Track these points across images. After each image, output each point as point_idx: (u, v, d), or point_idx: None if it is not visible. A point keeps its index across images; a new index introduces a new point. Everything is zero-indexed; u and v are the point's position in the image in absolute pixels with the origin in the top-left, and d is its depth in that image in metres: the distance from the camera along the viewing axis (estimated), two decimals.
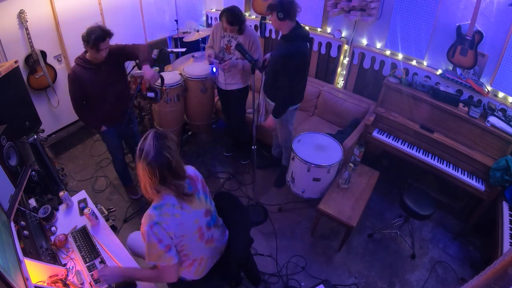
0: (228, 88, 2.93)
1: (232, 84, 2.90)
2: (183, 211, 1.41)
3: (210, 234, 1.59)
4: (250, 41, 2.66)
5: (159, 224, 1.33)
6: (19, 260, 1.37)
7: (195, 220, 1.47)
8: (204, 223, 1.53)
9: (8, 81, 2.26)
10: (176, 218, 1.38)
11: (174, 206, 1.38)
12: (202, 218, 1.51)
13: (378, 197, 3.09)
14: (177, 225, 1.38)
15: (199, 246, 1.53)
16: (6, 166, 1.74)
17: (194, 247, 1.50)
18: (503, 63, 2.46)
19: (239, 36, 2.67)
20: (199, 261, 1.57)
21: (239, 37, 2.68)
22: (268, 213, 2.90)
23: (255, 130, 2.45)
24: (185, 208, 1.42)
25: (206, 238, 1.56)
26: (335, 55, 3.37)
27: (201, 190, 1.53)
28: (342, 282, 2.42)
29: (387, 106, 3.01)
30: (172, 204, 1.38)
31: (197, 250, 1.53)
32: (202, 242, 1.54)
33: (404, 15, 2.81)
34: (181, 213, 1.40)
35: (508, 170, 2.33)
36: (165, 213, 1.35)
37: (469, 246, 2.74)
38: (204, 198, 1.54)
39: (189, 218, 1.44)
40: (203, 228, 1.52)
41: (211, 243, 1.60)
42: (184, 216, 1.41)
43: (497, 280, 1.20)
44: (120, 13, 3.63)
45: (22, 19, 2.78)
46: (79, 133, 3.73)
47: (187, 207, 1.43)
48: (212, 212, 1.61)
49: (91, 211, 1.87)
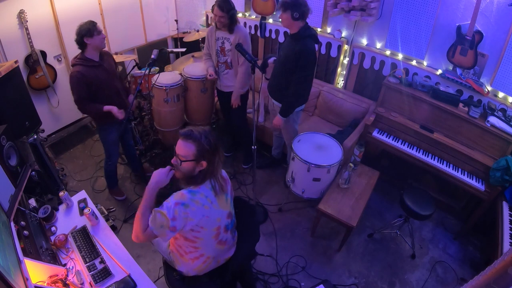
0: (228, 90, 2.93)
1: (231, 87, 2.89)
2: (212, 206, 1.48)
3: (225, 237, 1.63)
4: (240, 40, 2.63)
5: (186, 207, 1.40)
6: (19, 260, 1.37)
7: (218, 218, 1.54)
8: (224, 223, 1.59)
9: (8, 81, 2.26)
10: (204, 210, 1.45)
11: (207, 198, 1.46)
12: (224, 218, 1.58)
13: (378, 197, 3.09)
14: (203, 215, 1.45)
15: (211, 244, 1.57)
16: (6, 166, 1.74)
17: (207, 243, 1.55)
18: (503, 63, 2.46)
19: (230, 36, 2.67)
20: (204, 259, 1.59)
21: (230, 36, 2.67)
22: (268, 213, 2.90)
23: (255, 130, 2.45)
24: (214, 204, 1.49)
25: (220, 239, 1.60)
26: (335, 55, 3.37)
27: (229, 193, 1.62)
28: (342, 282, 2.42)
29: (387, 106, 3.01)
30: (206, 196, 1.46)
31: (208, 247, 1.57)
32: (216, 242, 1.58)
33: (404, 15, 2.80)
34: (210, 207, 1.47)
35: (508, 170, 2.33)
36: (197, 201, 1.43)
37: (469, 246, 2.74)
38: (230, 201, 1.63)
39: (215, 214, 1.51)
40: (221, 228, 1.57)
41: (222, 245, 1.64)
42: (211, 210, 1.48)
43: (497, 280, 1.20)
44: (120, 13, 3.63)
45: (22, 19, 2.78)
46: (79, 133, 3.73)
47: (217, 204, 1.51)
48: (232, 217, 1.67)
49: (91, 211, 1.87)
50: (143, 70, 3.23)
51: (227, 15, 2.55)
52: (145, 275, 1.66)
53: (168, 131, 3.20)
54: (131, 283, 1.60)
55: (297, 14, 2.26)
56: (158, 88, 2.91)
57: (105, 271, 1.64)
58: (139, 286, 1.60)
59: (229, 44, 2.71)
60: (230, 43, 2.70)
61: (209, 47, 2.86)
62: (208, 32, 2.82)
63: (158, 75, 2.91)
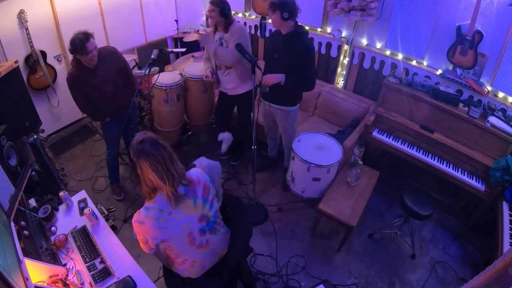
0: (233, 93, 2.89)
1: (235, 88, 2.85)
2: (171, 216, 1.42)
3: (205, 240, 1.56)
4: (236, 34, 2.59)
5: (142, 224, 1.40)
6: (19, 260, 1.37)
7: (184, 225, 1.47)
8: (196, 228, 1.51)
9: (8, 81, 2.26)
10: (159, 223, 1.40)
11: (162, 211, 1.40)
12: (194, 223, 1.50)
13: (378, 197, 3.09)
14: (159, 229, 1.41)
15: (189, 250, 1.53)
16: (6, 166, 1.74)
17: (183, 250, 1.52)
18: (503, 63, 2.46)
19: (225, 34, 2.64)
20: (190, 262, 1.57)
21: (225, 35, 2.64)
22: (268, 213, 2.90)
23: (255, 130, 2.45)
24: (175, 213, 1.43)
25: (198, 243, 1.54)
26: (335, 55, 3.37)
27: (199, 195, 1.50)
28: (342, 282, 2.42)
29: (387, 106, 3.01)
30: (160, 209, 1.40)
31: (187, 252, 1.54)
32: (193, 247, 1.53)
33: (404, 15, 2.80)
34: (167, 218, 1.41)
35: (508, 170, 2.33)
36: (150, 216, 1.39)
37: (469, 246, 2.74)
38: (202, 204, 1.51)
39: (177, 223, 1.45)
40: (194, 233, 1.51)
41: (205, 247, 1.58)
42: (170, 222, 1.42)
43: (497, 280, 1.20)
44: (120, 13, 3.63)
45: (22, 19, 2.78)
46: (79, 133, 3.73)
47: (179, 212, 1.44)
48: (210, 218, 1.57)
49: (91, 211, 1.87)
50: (143, 70, 3.22)
51: (218, 10, 2.51)
52: (145, 275, 1.66)
53: (168, 131, 3.20)
54: (131, 283, 1.60)
55: (286, 14, 2.26)
56: (158, 88, 2.91)
57: (105, 271, 1.64)
58: (139, 286, 1.60)
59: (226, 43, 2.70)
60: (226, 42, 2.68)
61: (208, 50, 2.85)
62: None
63: (158, 75, 2.91)
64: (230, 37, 2.60)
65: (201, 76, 3.00)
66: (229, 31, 2.62)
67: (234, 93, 2.89)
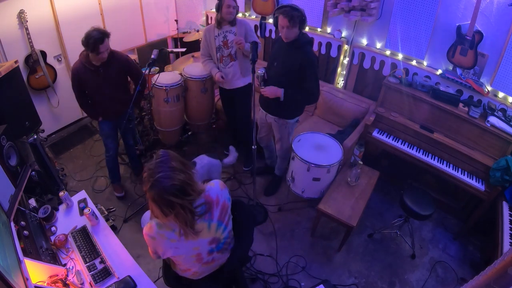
0: (233, 87, 2.92)
1: (236, 81, 2.89)
2: (182, 238, 1.34)
3: (211, 258, 1.51)
4: (247, 29, 2.73)
5: (153, 239, 1.34)
6: (19, 260, 1.37)
7: (194, 247, 1.41)
8: (205, 250, 1.45)
9: (8, 81, 2.26)
10: (171, 243, 1.35)
11: (174, 232, 1.33)
12: (204, 246, 1.44)
13: (378, 197, 3.09)
14: (170, 247, 1.37)
15: (196, 265, 1.50)
16: (6, 166, 1.74)
17: (189, 264, 1.49)
18: (503, 63, 2.46)
19: (232, 28, 2.73)
20: (192, 273, 1.55)
21: (232, 28, 2.73)
22: (268, 213, 2.90)
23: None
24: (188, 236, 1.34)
25: (205, 261, 1.50)
26: (335, 55, 3.37)
27: (215, 218, 1.39)
28: (342, 282, 2.42)
29: (387, 106, 3.01)
30: (173, 229, 1.32)
31: (192, 267, 1.51)
32: (199, 264, 1.50)
33: (404, 15, 2.80)
34: (178, 240, 1.34)
35: (508, 170, 2.33)
36: (162, 235, 1.33)
37: (469, 246, 2.74)
38: (216, 227, 1.41)
39: (187, 245, 1.39)
40: (202, 254, 1.46)
41: (210, 264, 1.54)
42: (181, 243, 1.36)
43: (497, 280, 1.20)
44: (120, 13, 3.63)
45: (22, 19, 2.78)
46: (79, 133, 3.73)
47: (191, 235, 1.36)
48: (221, 240, 1.49)
49: (91, 211, 1.87)
50: (143, 70, 3.22)
51: (237, 8, 2.69)
52: (145, 275, 1.66)
53: (168, 131, 3.20)
54: (131, 283, 1.60)
55: (303, 28, 2.27)
56: (158, 88, 2.91)
57: (105, 271, 1.64)
58: (139, 286, 1.60)
59: (233, 35, 2.74)
60: (234, 34, 2.74)
61: (208, 47, 2.86)
62: (206, 33, 2.82)
63: (158, 75, 2.91)
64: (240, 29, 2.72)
65: (201, 76, 3.00)
66: (237, 24, 2.73)
67: (234, 86, 2.91)
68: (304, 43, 2.32)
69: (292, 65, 2.32)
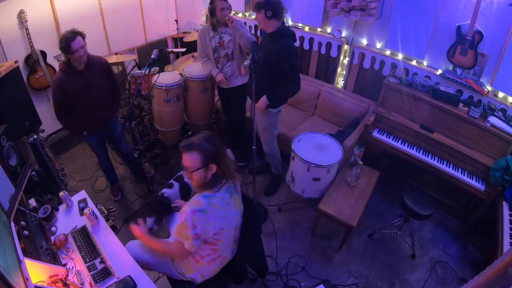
0: (230, 86, 2.92)
1: (234, 80, 2.89)
2: (229, 207, 1.52)
3: (237, 235, 1.68)
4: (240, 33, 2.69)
5: (204, 212, 1.42)
6: (19, 260, 1.37)
7: (235, 218, 1.59)
8: (239, 223, 1.64)
9: (8, 81, 2.26)
10: (222, 211, 1.48)
11: (223, 200, 1.49)
12: (239, 218, 1.63)
13: (378, 197, 3.09)
14: (222, 217, 1.49)
15: (229, 245, 1.62)
16: (6, 166, 1.74)
17: (226, 244, 1.59)
18: (503, 63, 2.46)
19: (227, 28, 2.73)
20: (221, 259, 1.64)
21: (227, 29, 2.73)
22: (268, 213, 2.90)
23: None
24: (231, 205, 1.53)
25: (236, 238, 1.66)
26: (335, 55, 3.37)
27: (239, 191, 1.66)
28: (342, 282, 2.42)
29: (387, 106, 3.01)
30: (222, 198, 1.49)
31: (226, 247, 1.61)
32: (232, 241, 1.63)
33: (404, 15, 2.80)
34: (227, 208, 1.51)
35: (508, 170, 2.33)
36: (214, 204, 1.46)
37: (469, 246, 2.74)
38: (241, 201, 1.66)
39: (233, 214, 1.56)
40: (238, 227, 1.63)
41: (235, 243, 1.69)
42: (229, 211, 1.52)
43: (497, 280, 1.20)
44: (120, 13, 3.63)
45: (22, 19, 2.78)
46: None
47: (232, 204, 1.54)
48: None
49: (91, 211, 1.86)
50: (143, 70, 3.23)
51: (230, 7, 2.66)
52: (145, 275, 1.66)
53: (168, 131, 3.20)
54: (131, 283, 1.59)
55: (269, 13, 2.26)
56: (158, 88, 2.91)
57: (105, 271, 1.64)
58: (139, 286, 1.60)
59: (229, 35, 2.75)
60: (229, 34, 2.74)
61: (205, 48, 2.86)
62: (201, 35, 2.82)
63: (158, 75, 2.91)
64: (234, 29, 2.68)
65: (201, 76, 3.00)
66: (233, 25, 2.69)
67: (232, 85, 2.91)
68: (284, 34, 2.36)
69: (271, 55, 2.36)
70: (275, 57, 2.35)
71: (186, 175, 1.49)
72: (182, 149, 1.45)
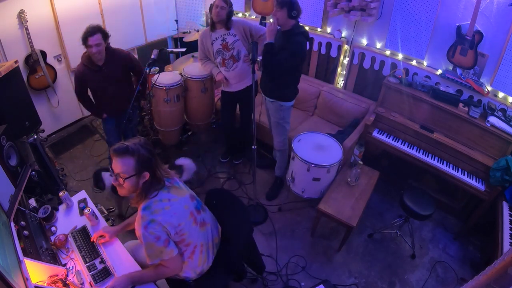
0: (238, 89, 2.89)
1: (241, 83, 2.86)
2: (171, 201, 1.48)
3: (202, 217, 1.66)
4: (245, 28, 2.67)
5: (153, 222, 1.39)
6: (19, 260, 1.37)
7: (185, 206, 1.55)
8: (193, 206, 1.61)
9: (8, 81, 2.26)
10: (167, 211, 1.45)
11: (162, 200, 1.45)
12: (189, 202, 1.60)
13: (378, 197, 3.09)
14: (171, 215, 1.46)
15: (196, 231, 1.59)
16: (6, 166, 1.74)
17: (192, 232, 1.56)
18: (503, 63, 2.46)
19: (229, 30, 2.67)
20: (199, 248, 1.62)
21: (229, 31, 2.67)
22: (268, 213, 2.90)
23: (256, 130, 2.45)
24: (173, 198, 1.50)
25: (199, 221, 1.63)
26: (335, 55, 3.37)
27: (178, 180, 1.64)
28: (342, 282, 2.42)
29: (387, 106, 3.01)
30: (160, 199, 1.45)
31: (195, 235, 1.58)
32: (197, 226, 1.61)
33: (404, 15, 2.80)
34: (170, 204, 1.47)
35: (508, 170, 2.33)
36: (156, 209, 1.42)
37: (469, 246, 2.74)
38: (183, 186, 1.65)
39: (180, 205, 1.52)
40: (194, 212, 1.60)
41: (203, 226, 1.66)
42: (174, 205, 1.49)
43: (497, 280, 1.20)
44: (120, 13, 3.63)
45: (22, 19, 2.78)
46: (79, 133, 3.73)
47: (175, 196, 1.51)
48: (195, 196, 1.69)
49: (91, 211, 1.87)
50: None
51: (228, 8, 2.59)
52: None
53: (168, 131, 3.20)
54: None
55: (295, 13, 2.30)
56: (158, 88, 2.91)
57: (105, 271, 1.64)
58: (139, 286, 1.60)
59: (233, 37, 2.69)
60: (233, 35, 2.69)
61: (206, 51, 2.84)
62: (202, 37, 2.78)
63: (158, 75, 2.91)
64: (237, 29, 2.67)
65: (201, 76, 3.00)
66: (232, 26, 2.67)
67: (240, 88, 2.88)
68: (297, 32, 2.38)
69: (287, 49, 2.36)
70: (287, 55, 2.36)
71: (116, 182, 1.39)
72: (114, 153, 1.36)
